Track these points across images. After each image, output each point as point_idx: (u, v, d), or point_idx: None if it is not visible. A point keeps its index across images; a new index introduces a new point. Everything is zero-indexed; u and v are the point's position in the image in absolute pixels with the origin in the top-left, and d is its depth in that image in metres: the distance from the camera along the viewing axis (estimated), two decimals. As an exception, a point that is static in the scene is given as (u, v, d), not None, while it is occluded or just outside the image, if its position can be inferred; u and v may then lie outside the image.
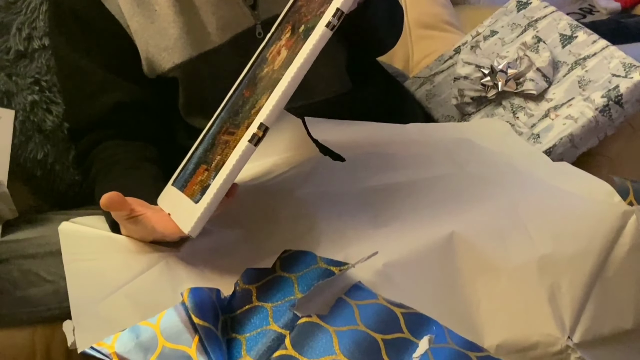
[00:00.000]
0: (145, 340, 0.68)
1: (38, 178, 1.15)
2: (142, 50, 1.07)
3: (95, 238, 0.93)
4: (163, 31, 1.06)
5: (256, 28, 1.09)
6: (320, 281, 0.72)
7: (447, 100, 1.35)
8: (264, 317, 0.72)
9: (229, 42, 1.08)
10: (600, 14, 2.00)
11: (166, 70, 1.07)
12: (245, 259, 0.87)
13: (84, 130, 1.10)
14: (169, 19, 1.06)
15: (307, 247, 0.80)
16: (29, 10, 1.18)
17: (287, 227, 0.90)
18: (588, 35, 1.26)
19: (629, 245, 0.88)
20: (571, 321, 0.83)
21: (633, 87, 1.17)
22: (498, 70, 1.25)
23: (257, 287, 0.75)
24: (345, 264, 0.76)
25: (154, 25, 1.06)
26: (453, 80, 1.32)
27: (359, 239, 0.85)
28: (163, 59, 1.07)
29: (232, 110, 0.92)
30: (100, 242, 0.92)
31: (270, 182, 0.98)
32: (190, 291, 0.70)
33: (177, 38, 1.06)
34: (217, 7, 1.07)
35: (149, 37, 1.06)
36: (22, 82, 1.16)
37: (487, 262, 0.84)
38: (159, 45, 1.06)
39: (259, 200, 0.95)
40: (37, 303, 0.93)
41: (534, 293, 0.84)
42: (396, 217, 0.89)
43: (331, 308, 0.71)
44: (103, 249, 0.91)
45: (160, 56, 1.06)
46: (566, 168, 1.06)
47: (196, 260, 0.89)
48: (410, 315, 0.73)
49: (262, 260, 0.78)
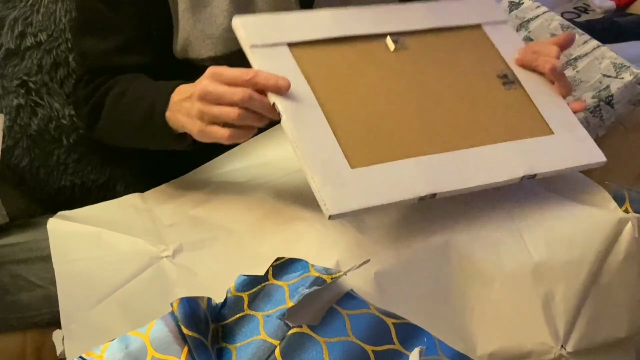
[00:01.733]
0: (135, 350, 0.68)
1: (27, 183, 1.14)
2: (184, 31, 1.04)
3: (84, 236, 0.92)
4: (212, 18, 1.03)
5: None
6: (312, 289, 0.72)
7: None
8: (254, 326, 0.71)
9: None
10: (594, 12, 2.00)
11: (203, 58, 1.05)
12: (236, 264, 0.87)
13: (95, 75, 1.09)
14: (222, 6, 1.04)
15: (298, 253, 0.80)
16: (28, 4, 1.17)
17: (278, 233, 0.90)
18: (579, 36, 1.26)
19: (623, 254, 0.88)
20: (565, 330, 0.83)
21: (624, 87, 1.18)
22: (490, 71, 1.25)
23: (249, 294, 0.75)
24: (337, 272, 0.76)
25: (206, 10, 1.04)
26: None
27: (349, 246, 0.84)
28: (206, 46, 1.04)
29: None
30: (90, 240, 0.92)
31: (262, 188, 0.98)
32: (180, 301, 0.69)
33: (225, 29, 1.03)
34: (272, 8, 1.05)
35: (197, 21, 1.04)
36: (9, 84, 1.15)
37: (481, 270, 0.84)
38: (205, 31, 1.04)
39: (251, 205, 0.95)
40: (27, 308, 0.93)
41: (527, 301, 0.83)
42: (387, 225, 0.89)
43: (322, 318, 0.71)
44: (93, 248, 0.91)
45: (204, 43, 1.04)
46: None
47: (187, 265, 0.89)
48: (402, 325, 0.72)
49: (254, 268, 0.78)
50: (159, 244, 0.91)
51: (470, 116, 0.94)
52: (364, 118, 0.89)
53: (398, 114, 0.91)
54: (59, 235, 0.92)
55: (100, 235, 0.92)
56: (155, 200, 1.02)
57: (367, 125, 0.88)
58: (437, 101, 0.94)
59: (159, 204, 1.00)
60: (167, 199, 1.01)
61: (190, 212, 0.97)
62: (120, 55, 1.06)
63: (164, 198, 1.02)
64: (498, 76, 1.00)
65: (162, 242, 0.92)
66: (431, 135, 0.90)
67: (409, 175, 0.85)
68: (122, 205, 1.01)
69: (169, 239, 0.92)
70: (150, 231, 0.94)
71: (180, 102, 0.91)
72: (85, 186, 1.15)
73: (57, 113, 1.16)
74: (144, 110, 0.97)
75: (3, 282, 0.94)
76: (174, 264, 0.88)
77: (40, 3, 1.17)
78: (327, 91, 0.89)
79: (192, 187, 1.02)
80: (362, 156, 0.85)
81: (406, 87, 0.94)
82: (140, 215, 0.98)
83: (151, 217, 0.97)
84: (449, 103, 0.94)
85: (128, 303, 0.84)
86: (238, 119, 0.84)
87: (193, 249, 0.90)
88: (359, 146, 0.86)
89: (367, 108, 0.90)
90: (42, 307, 0.93)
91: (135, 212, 0.99)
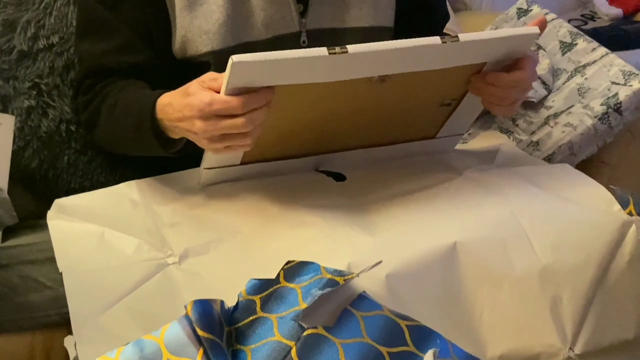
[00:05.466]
0: (150, 354, 0.68)
1: (37, 184, 1.14)
2: (182, 28, 1.06)
3: (88, 237, 0.93)
4: (209, 14, 1.05)
5: (301, 35, 1.09)
6: (325, 290, 0.72)
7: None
8: (268, 327, 0.71)
9: (269, 40, 1.08)
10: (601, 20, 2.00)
11: (201, 53, 1.06)
12: (244, 267, 0.87)
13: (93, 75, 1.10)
14: (218, 2, 1.05)
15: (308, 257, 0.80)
16: (41, 7, 1.17)
17: (287, 235, 0.90)
18: (588, 43, 1.27)
19: (629, 256, 0.89)
20: (573, 332, 0.84)
21: (632, 94, 1.18)
22: (498, 77, 1.25)
23: (261, 297, 0.75)
24: (349, 273, 0.76)
25: (202, 7, 1.05)
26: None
27: (360, 249, 0.85)
28: (202, 41, 1.05)
29: None
30: (95, 243, 0.92)
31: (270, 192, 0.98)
32: (194, 304, 0.70)
33: (221, 24, 1.05)
34: (266, 4, 1.07)
35: (194, 17, 1.05)
36: (21, 86, 1.15)
37: (490, 273, 0.84)
38: (202, 27, 1.05)
39: (259, 209, 0.95)
40: (36, 309, 0.93)
41: (536, 304, 0.84)
42: (397, 227, 0.89)
43: (337, 319, 0.71)
44: (99, 254, 0.91)
45: (200, 38, 1.05)
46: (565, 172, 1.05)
47: (194, 270, 0.89)
48: (415, 327, 0.73)
49: (262, 271, 0.78)
50: (163, 247, 0.91)
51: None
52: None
53: (320, 120, 0.94)
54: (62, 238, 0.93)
55: (102, 235, 0.93)
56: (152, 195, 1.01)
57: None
58: (367, 115, 0.97)
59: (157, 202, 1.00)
60: (164, 196, 1.01)
61: (191, 211, 0.97)
62: (117, 56, 1.07)
63: (161, 194, 1.01)
64: (442, 104, 1.01)
65: (166, 245, 0.92)
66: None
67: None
68: (118, 195, 1.01)
69: (173, 242, 0.92)
70: (152, 232, 0.94)
71: (176, 121, 0.92)
72: (95, 188, 1.14)
73: (68, 115, 1.16)
74: (132, 122, 0.99)
75: (12, 283, 0.94)
76: (181, 270, 0.89)
77: (53, 6, 1.18)
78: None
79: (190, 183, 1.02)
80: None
81: (349, 100, 0.94)
82: (138, 211, 0.98)
83: (150, 215, 0.97)
84: (375, 117, 0.98)
85: (137, 309, 0.85)
86: (243, 146, 0.89)
87: (199, 253, 0.91)
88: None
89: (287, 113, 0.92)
90: (51, 308, 0.92)
91: (132, 207, 0.99)
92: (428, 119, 1.04)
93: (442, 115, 1.03)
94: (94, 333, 0.81)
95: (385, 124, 1.01)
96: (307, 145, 1.00)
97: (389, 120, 1.01)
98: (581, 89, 1.22)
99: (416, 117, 1.02)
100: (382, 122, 1.01)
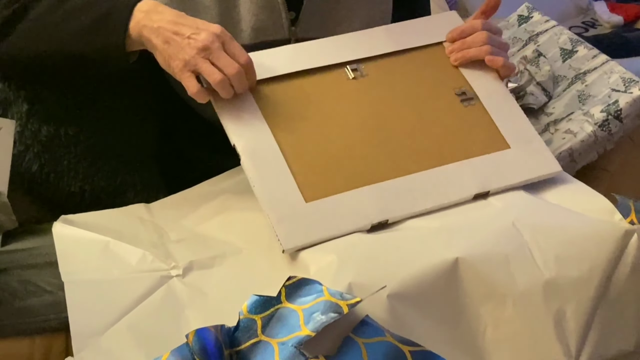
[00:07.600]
0: (150, 383, 0.68)
1: (37, 188, 1.14)
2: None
3: (92, 244, 0.92)
4: (195, 15, 1.03)
5: (290, 43, 1.08)
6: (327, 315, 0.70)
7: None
8: (269, 354, 0.70)
9: (257, 45, 1.06)
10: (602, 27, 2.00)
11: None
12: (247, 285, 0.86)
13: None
14: (206, 2, 1.05)
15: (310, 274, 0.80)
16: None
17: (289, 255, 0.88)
18: (588, 50, 1.27)
19: (630, 267, 0.87)
20: (577, 346, 0.83)
21: (632, 102, 1.18)
22: (499, 83, 1.25)
23: (262, 317, 0.74)
24: (352, 297, 0.74)
25: (188, 6, 1.04)
26: (453, 93, 1.32)
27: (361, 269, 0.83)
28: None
29: None
30: (98, 249, 0.92)
31: None
32: (196, 333, 0.69)
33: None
34: (257, 8, 1.06)
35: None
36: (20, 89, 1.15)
37: (493, 289, 0.83)
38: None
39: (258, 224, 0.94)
40: (36, 313, 0.93)
41: (540, 319, 0.83)
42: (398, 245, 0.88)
43: (339, 348, 0.71)
44: (102, 262, 0.91)
45: None
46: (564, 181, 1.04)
47: (197, 285, 0.89)
48: (419, 353, 0.71)
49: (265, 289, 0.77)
50: (167, 259, 0.91)
51: (427, 138, 0.98)
52: (319, 150, 0.94)
53: (352, 143, 0.96)
54: (65, 243, 0.93)
55: (107, 245, 0.92)
56: (160, 213, 1.01)
57: (322, 157, 0.94)
58: (393, 127, 0.98)
59: (165, 219, 1.00)
60: (172, 214, 1.01)
61: (197, 228, 0.97)
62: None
63: (170, 212, 1.02)
64: (456, 94, 1.02)
65: (170, 257, 0.91)
66: (385, 161, 0.95)
67: (361, 205, 0.90)
68: (127, 214, 1.01)
69: (177, 254, 0.92)
70: (157, 245, 0.94)
71: (166, 31, 0.94)
72: (95, 192, 1.15)
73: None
74: (96, 14, 0.98)
75: (12, 287, 0.94)
76: (184, 284, 0.88)
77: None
78: (285, 127, 0.95)
79: (198, 201, 1.02)
80: (316, 189, 0.90)
81: (363, 116, 0.98)
82: (146, 226, 0.98)
83: (157, 231, 0.98)
84: (406, 127, 0.98)
85: (139, 327, 0.84)
86: (218, 84, 0.92)
87: (203, 267, 0.90)
88: (314, 179, 0.91)
89: (323, 140, 0.95)
90: (51, 312, 0.92)
91: (140, 222, 0.99)
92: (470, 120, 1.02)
93: (479, 112, 1.02)
94: (94, 354, 0.81)
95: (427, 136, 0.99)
96: (366, 171, 0.96)
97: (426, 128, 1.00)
98: (581, 95, 1.22)
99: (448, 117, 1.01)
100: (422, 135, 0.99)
